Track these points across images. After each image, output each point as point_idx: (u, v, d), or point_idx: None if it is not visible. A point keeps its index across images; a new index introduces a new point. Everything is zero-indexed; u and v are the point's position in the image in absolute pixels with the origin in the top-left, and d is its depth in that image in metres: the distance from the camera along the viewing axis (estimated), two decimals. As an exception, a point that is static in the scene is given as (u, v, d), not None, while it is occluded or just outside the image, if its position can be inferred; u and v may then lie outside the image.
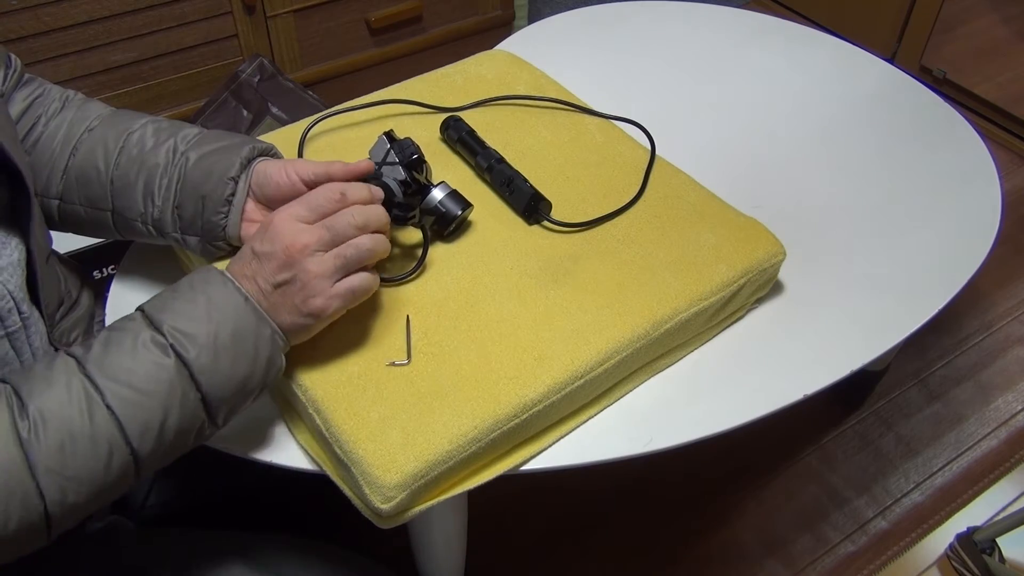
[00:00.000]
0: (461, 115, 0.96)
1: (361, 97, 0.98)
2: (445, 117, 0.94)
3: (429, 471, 0.65)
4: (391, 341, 0.73)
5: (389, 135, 0.77)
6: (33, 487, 0.53)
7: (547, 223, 0.85)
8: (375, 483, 0.64)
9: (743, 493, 1.26)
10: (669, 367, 0.80)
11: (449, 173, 0.90)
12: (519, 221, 0.85)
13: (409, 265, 0.79)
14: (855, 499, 1.26)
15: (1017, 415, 1.36)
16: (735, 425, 0.75)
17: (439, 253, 0.81)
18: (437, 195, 0.79)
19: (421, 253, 0.79)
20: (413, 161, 0.76)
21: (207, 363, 0.59)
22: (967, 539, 1.18)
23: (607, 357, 0.72)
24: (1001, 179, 1.02)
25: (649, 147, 0.94)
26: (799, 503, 1.25)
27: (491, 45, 1.17)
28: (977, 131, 1.09)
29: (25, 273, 0.65)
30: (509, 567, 1.18)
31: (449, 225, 0.80)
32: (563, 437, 0.74)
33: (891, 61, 1.62)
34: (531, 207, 0.84)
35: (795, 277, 0.87)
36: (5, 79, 0.74)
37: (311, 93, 1.60)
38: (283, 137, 0.93)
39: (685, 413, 0.76)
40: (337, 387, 0.69)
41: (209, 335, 0.60)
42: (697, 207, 0.87)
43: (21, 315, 0.63)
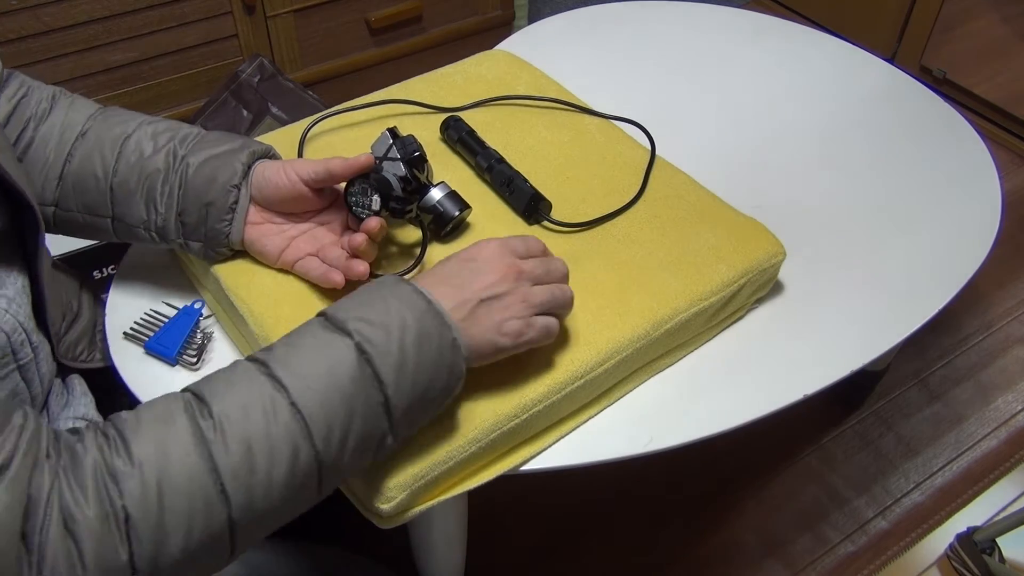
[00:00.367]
0: (461, 115, 0.96)
1: (361, 97, 0.98)
2: (445, 117, 0.94)
3: (429, 471, 0.65)
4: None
5: (392, 131, 0.77)
6: (217, 491, 0.51)
7: (547, 223, 0.85)
8: (375, 483, 0.64)
9: (743, 493, 1.26)
10: (669, 367, 0.80)
11: (449, 173, 0.90)
12: (519, 221, 0.85)
13: (407, 263, 0.79)
14: (855, 499, 1.26)
15: (1017, 415, 1.36)
16: (735, 425, 0.75)
17: (439, 253, 0.81)
18: (436, 195, 0.79)
19: (420, 251, 0.78)
20: (415, 158, 0.76)
21: (393, 364, 0.57)
22: (967, 539, 1.18)
23: (607, 357, 0.72)
24: (1001, 179, 1.02)
25: (649, 147, 0.94)
26: (799, 503, 1.25)
27: (491, 45, 1.17)
28: (977, 131, 1.09)
29: (30, 297, 0.64)
30: (509, 567, 1.18)
31: (446, 226, 0.80)
32: (563, 437, 0.74)
33: (891, 61, 1.62)
34: (531, 207, 0.84)
35: (795, 277, 0.87)
36: None
37: (311, 93, 1.60)
38: (283, 137, 0.93)
39: (685, 413, 0.76)
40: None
41: (394, 337, 0.58)
42: (697, 207, 0.87)
43: (31, 344, 0.62)
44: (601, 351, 0.72)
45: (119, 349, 0.78)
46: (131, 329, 0.79)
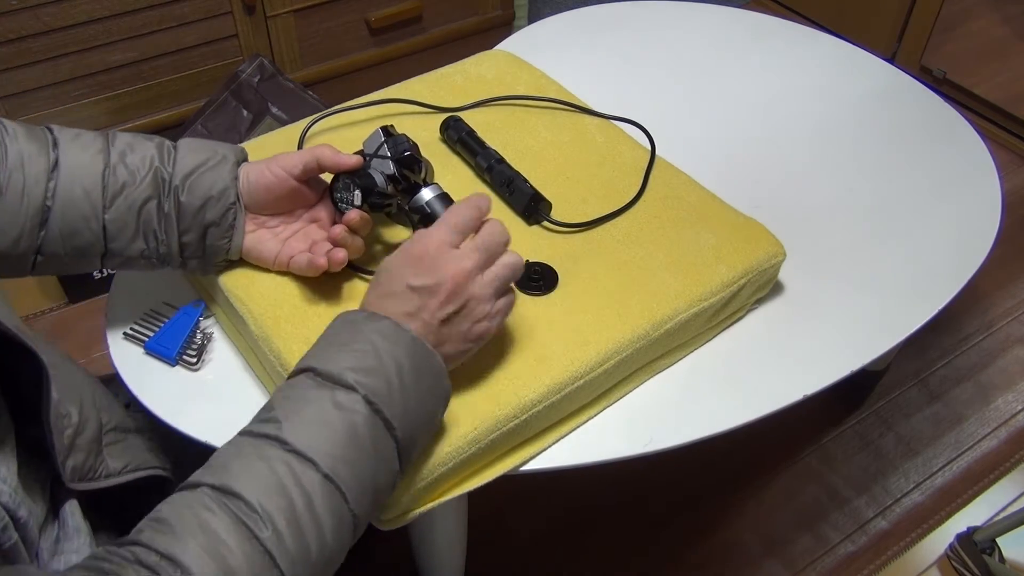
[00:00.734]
0: (461, 115, 0.96)
1: (361, 97, 0.98)
2: (445, 117, 0.94)
3: (430, 473, 0.65)
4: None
5: (386, 129, 0.77)
6: None
7: (547, 223, 0.85)
8: (375, 483, 0.64)
9: (743, 493, 1.26)
10: (669, 367, 0.80)
11: (449, 173, 0.90)
12: (519, 221, 0.85)
13: None
14: (855, 499, 1.26)
15: (1017, 415, 1.36)
16: (735, 425, 0.75)
17: (439, 253, 0.81)
18: (425, 195, 0.77)
19: None
20: (404, 158, 0.75)
21: (399, 408, 0.58)
22: (967, 539, 1.18)
23: (607, 357, 0.72)
24: (1001, 179, 1.02)
25: (649, 147, 0.94)
26: (799, 503, 1.25)
27: (491, 45, 1.17)
28: (977, 131, 1.09)
29: (15, 454, 0.55)
30: (509, 567, 1.18)
31: None
32: (563, 437, 0.74)
33: (891, 61, 1.62)
34: (531, 207, 0.84)
35: (795, 277, 0.87)
36: None
37: (311, 93, 1.60)
38: (283, 137, 0.93)
39: (685, 413, 0.76)
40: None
41: (394, 383, 0.58)
42: (697, 207, 0.87)
43: (18, 522, 0.53)
44: (601, 351, 0.72)
45: (119, 349, 0.78)
46: (131, 329, 0.79)
